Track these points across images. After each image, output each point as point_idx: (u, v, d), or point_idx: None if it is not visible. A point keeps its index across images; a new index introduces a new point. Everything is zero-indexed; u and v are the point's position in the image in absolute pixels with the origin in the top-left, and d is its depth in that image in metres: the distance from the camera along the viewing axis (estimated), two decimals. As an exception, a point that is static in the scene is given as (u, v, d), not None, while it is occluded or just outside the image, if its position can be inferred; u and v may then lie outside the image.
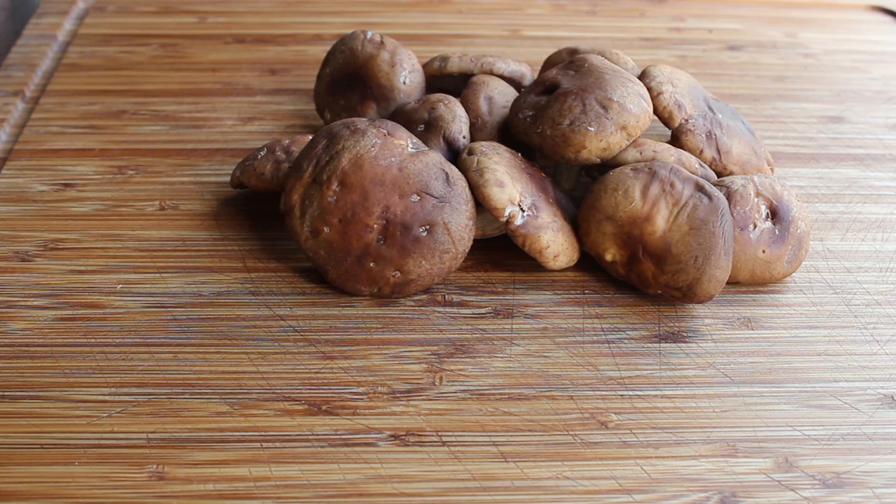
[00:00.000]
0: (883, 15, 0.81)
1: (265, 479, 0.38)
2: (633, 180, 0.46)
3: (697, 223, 0.45)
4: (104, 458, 0.38)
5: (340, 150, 0.45)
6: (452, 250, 0.45)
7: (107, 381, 0.41)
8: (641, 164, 0.47)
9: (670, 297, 0.46)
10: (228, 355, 0.43)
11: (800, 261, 0.48)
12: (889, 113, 0.65)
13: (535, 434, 0.40)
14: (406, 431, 0.40)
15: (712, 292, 0.45)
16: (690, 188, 0.45)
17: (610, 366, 0.43)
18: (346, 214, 0.45)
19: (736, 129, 0.52)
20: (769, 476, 0.39)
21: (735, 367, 0.44)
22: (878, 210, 0.55)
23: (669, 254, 0.45)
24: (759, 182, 0.48)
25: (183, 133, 0.59)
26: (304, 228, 0.46)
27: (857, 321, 0.47)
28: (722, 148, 0.51)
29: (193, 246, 0.50)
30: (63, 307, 0.45)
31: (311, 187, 0.46)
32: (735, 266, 0.46)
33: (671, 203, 0.45)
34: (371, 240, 0.45)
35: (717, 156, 0.50)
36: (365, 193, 0.45)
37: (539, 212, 0.47)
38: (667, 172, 0.46)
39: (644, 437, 0.40)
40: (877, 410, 0.42)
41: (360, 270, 0.45)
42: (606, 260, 0.47)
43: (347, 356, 0.43)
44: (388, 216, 0.45)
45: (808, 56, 0.73)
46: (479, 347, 0.44)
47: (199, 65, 0.67)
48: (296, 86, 0.65)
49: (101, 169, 0.55)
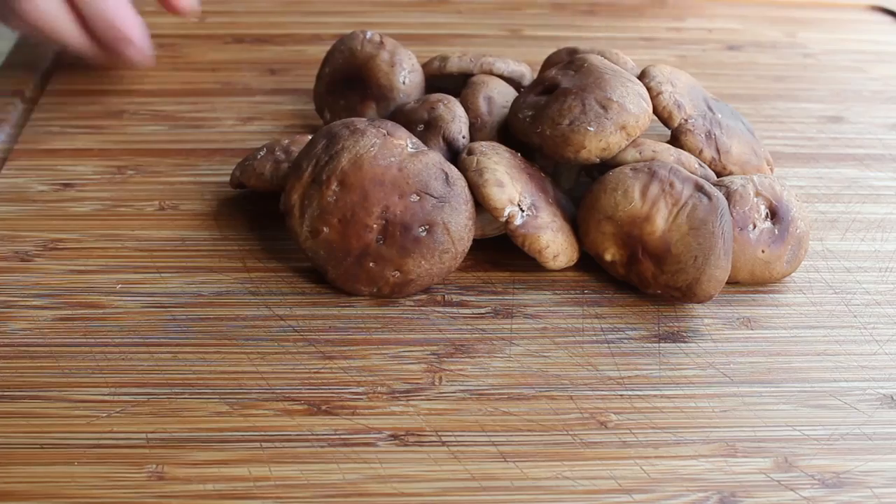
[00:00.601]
0: (882, 15, 0.81)
1: (265, 478, 0.38)
2: (633, 180, 0.46)
3: (697, 223, 0.45)
4: (104, 458, 0.38)
5: (340, 150, 0.45)
6: (452, 250, 0.45)
7: (106, 381, 0.41)
8: (641, 165, 0.47)
9: (670, 297, 0.46)
10: (228, 355, 0.43)
11: (799, 260, 0.48)
12: (889, 113, 0.65)
13: (534, 434, 0.40)
14: (405, 431, 0.40)
15: (712, 292, 0.45)
16: (690, 188, 0.45)
17: (609, 366, 0.43)
18: (346, 214, 0.45)
19: (736, 129, 0.52)
20: (769, 476, 0.39)
21: (734, 366, 0.44)
22: (877, 210, 0.55)
23: (669, 254, 0.45)
24: (758, 182, 0.48)
25: (182, 133, 0.59)
26: (304, 228, 0.46)
27: (856, 321, 0.47)
28: (721, 148, 0.51)
29: (193, 246, 0.50)
30: (63, 307, 0.45)
31: (311, 187, 0.46)
32: (735, 266, 0.46)
33: (671, 203, 0.45)
34: (371, 240, 0.45)
35: (717, 156, 0.50)
36: (364, 193, 0.45)
37: (538, 212, 0.47)
38: (666, 172, 0.46)
39: (643, 436, 0.40)
40: (876, 410, 0.42)
41: (360, 270, 0.45)
42: (606, 260, 0.47)
43: (347, 356, 0.43)
44: (388, 216, 0.45)
45: (807, 56, 0.73)
46: (479, 347, 0.44)
47: (198, 65, 0.67)
48: (295, 86, 0.65)
49: (101, 169, 0.55)
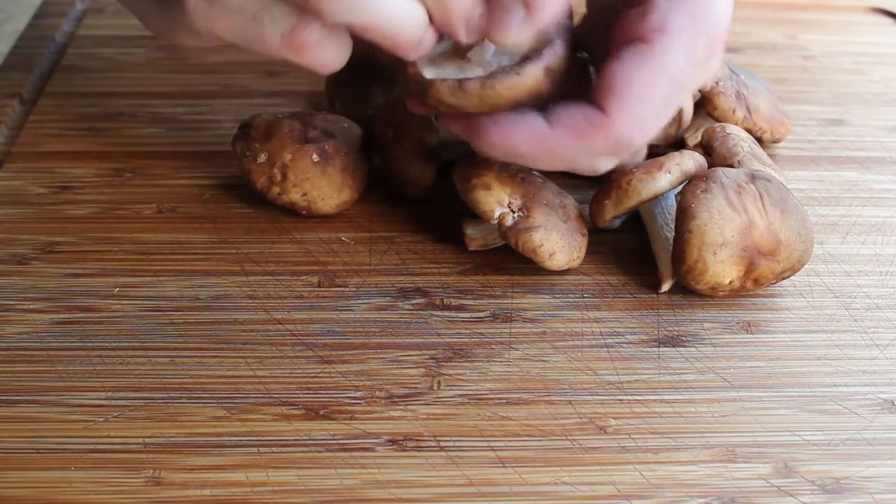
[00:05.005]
0: (883, 17, 0.81)
1: (262, 484, 0.37)
2: (714, 198, 0.45)
3: (782, 204, 0.46)
4: (100, 463, 0.38)
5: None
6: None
7: (103, 386, 0.41)
8: (700, 184, 0.46)
9: (774, 284, 0.47)
10: (225, 359, 0.43)
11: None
12: (889, 115, 0.65)
13: (533, 439, 0.40)
14: (404, 436, 0.40)
15: (811, 253, 0.47)
16: (749, 179, 0.46)
17: (609, 370, 0.43)
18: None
19: (757, 87, 0.57)
20: (768, 481, 0.38)
21: (734, 371, 0.44)
22: (878, 213, 0.55)
23: (780, 243, 0.46)
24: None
25: (181, 135, 0.59)
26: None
27: (857, 325, 0.47)
28: (751, 106, 0.53)
29: (191, 249, 0.49)
30: (60, 311, 0.45)
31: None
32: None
33: (751, 199, 0.46)
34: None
35: (748, 114, 0.53)
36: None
37: (531, 212, 0.47)
38: (727, 178, 0.46)
39: (643, 442, 0.40)
40: (877, 415, 0.42)
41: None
42: (725, 285, 0.46)
43: (345, 360, 0.43)
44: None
45: (808, 58, 0.73)
46: (478, 352, 0.44)
47: (197, 67, 0.67)
48: (294, 88, 0.65)
49: (99, 171, 0.55)
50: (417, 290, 0.47)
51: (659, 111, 0.41)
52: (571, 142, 0.41)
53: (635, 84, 0.40)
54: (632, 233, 0.51)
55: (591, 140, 0.41)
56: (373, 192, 0.53)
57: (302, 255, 0.49)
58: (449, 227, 0.51)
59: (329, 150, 0.50)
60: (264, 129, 0.51)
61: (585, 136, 0.41)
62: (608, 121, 0.40)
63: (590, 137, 0.41)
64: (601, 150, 0.42)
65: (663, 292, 0.48)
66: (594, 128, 0.41)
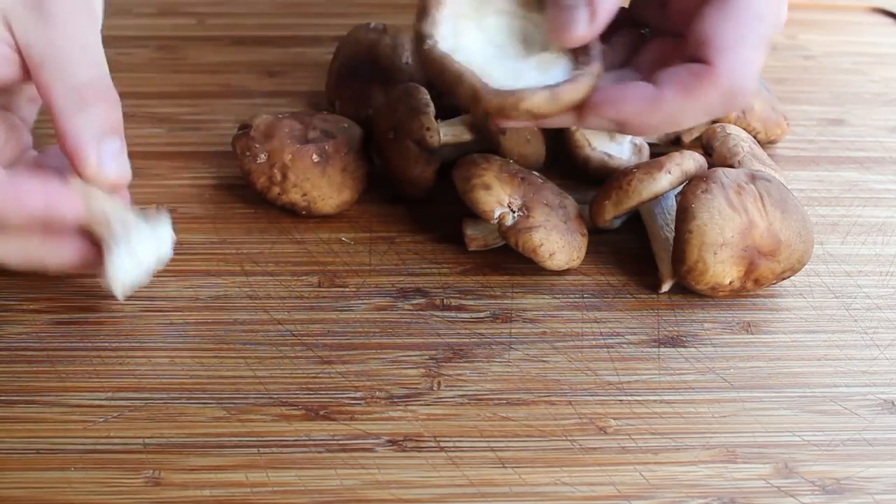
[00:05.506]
0: (883, 17, 0.81)
1: (262, 484, 0.37)
2: (714, 198, 0.45)
3: (782, 205, 0.46)
4: (100, 464, 0.38)
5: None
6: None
7: (103, 386, 0.41)
8: (700, 184, 0.46)
9: (774, 285, 0.47)
10: (225, 360, 0.43)
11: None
12: (889, 115, 0.65)
13: (533, 439, 0.40)
14: (404, 437, 0.40)
15: (811, 253, 0.47)
16: (749, 179, 0.46)
17: (609, 370, 0.43)
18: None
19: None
20: (769, 482, 0.38)
21: (734, 371, 0.44)
22: (878, 213, 0.55)
23: (780, 243, 0.46)
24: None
25: (181, 135, 0.59)
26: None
27: (857, 325, 0.47)
28: (745, 106, 0.53)
29: (191, 249, 0.49)
30: (59, 311, 0.45)
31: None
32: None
33: (751, 199, 0.46)
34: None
35: (741, 114, 0.54)
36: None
37: (531, 212, 0.47)
38: (727, 178, 0.46)
39: (643, 442, 0.40)
40: (877, 416, 0.42)
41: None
42: (726, 285, 0.46)
43: (345, 361, 0.43)
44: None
45: (807, 58, 0.73)
46: (478, 352, 0.44)
47: (197, 67, 0.67)
48: (294, 88, 0.65)
49: (99, 171, 0.55)
50: (417, 290, 0.47)
51: (758, 51, 0.41)
52: (681, 99, 0.41)
53: (729, 30, 0.41)
54: (632, 233, 0.51)
55: (702, 93, 0.41)
56: (373, 192, 0.53)
57: (302, 255, 0.49)
58: (449, 227, 0.51)
59: (329, 151, 0.50)
60: (264, 129, 0.51)
61: (695, 90, 0.40)
62: (716, 70, 0.40)
63: (701, 90, 0.40)
64: (713, 103, 0.41)
65: (663, 292, 0.48)
66: (703, 80, 0.40)
